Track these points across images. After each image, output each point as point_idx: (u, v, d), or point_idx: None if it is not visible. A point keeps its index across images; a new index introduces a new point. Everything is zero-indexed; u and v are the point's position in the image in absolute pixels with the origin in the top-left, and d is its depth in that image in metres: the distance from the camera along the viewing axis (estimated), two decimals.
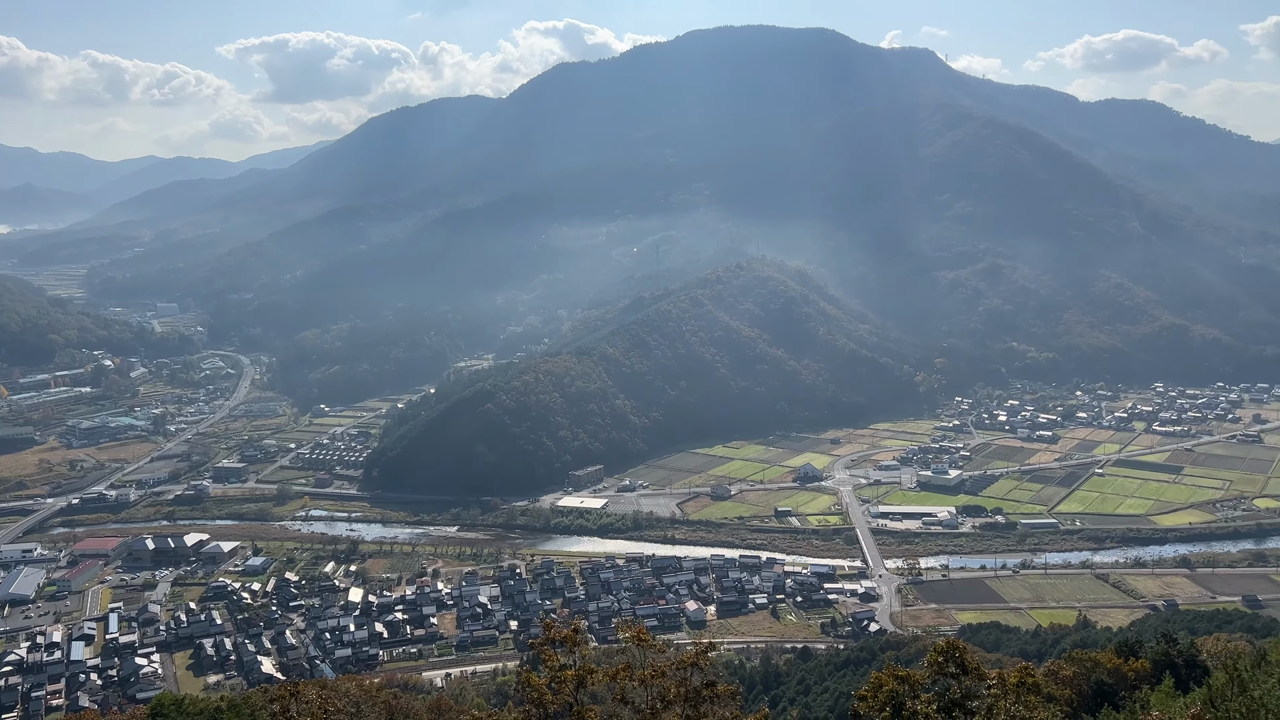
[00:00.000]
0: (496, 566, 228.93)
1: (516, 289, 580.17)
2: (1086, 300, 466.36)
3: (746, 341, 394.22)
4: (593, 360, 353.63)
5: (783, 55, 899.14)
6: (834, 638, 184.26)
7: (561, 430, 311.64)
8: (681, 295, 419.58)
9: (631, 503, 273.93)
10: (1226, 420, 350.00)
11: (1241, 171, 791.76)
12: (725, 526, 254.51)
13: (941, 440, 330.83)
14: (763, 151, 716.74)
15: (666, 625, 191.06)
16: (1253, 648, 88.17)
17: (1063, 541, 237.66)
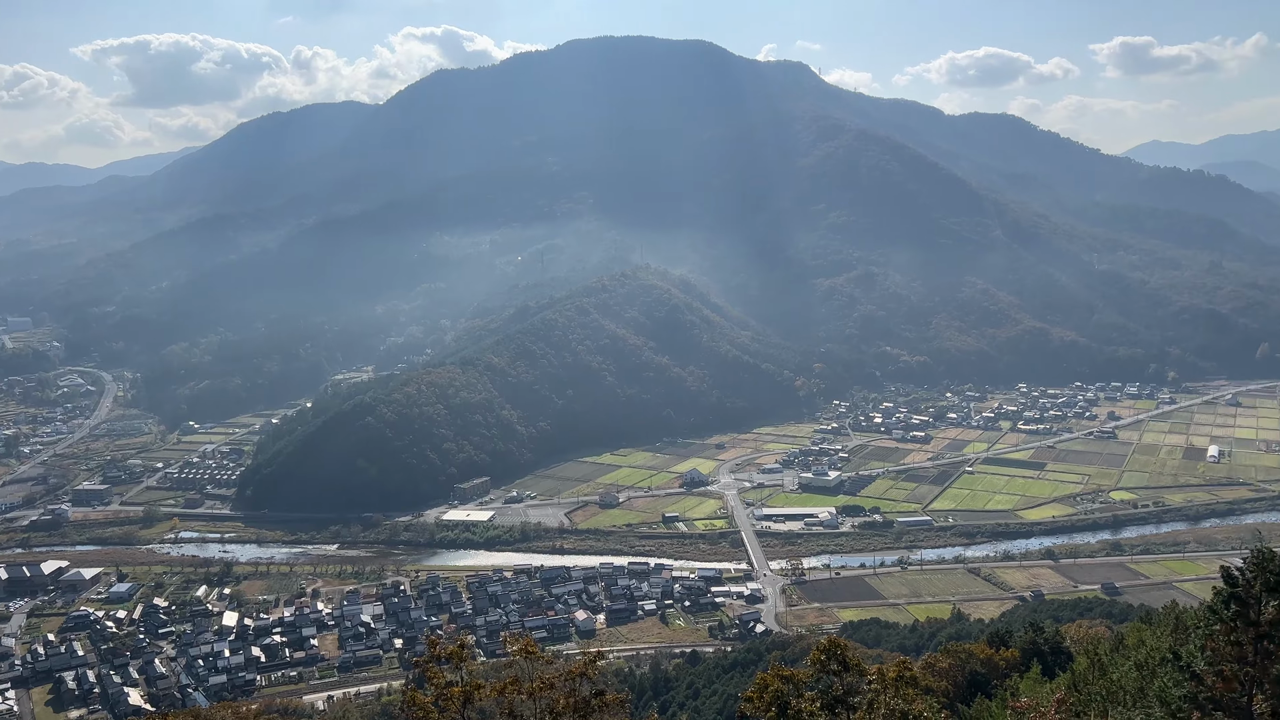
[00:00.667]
0: (380, 584, 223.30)
1: (397, 299, 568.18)
2: (954, 305, 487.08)
3: (633, 349, 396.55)
4: (478, 370, 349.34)
5: (663, 66, 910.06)
6: (722, 640, 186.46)
7: (446, 442, 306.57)
8: (567, 304, 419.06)
9: (519, 514, 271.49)
10: (1084, 418, 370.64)
11: (1093, 182, 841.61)
12: (614, 534, 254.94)
13: (821, 443, 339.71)
14: (645, 161, 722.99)
15: (556, 636, 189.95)
16: (1111, 633, 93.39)
17: (937, 538, 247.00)
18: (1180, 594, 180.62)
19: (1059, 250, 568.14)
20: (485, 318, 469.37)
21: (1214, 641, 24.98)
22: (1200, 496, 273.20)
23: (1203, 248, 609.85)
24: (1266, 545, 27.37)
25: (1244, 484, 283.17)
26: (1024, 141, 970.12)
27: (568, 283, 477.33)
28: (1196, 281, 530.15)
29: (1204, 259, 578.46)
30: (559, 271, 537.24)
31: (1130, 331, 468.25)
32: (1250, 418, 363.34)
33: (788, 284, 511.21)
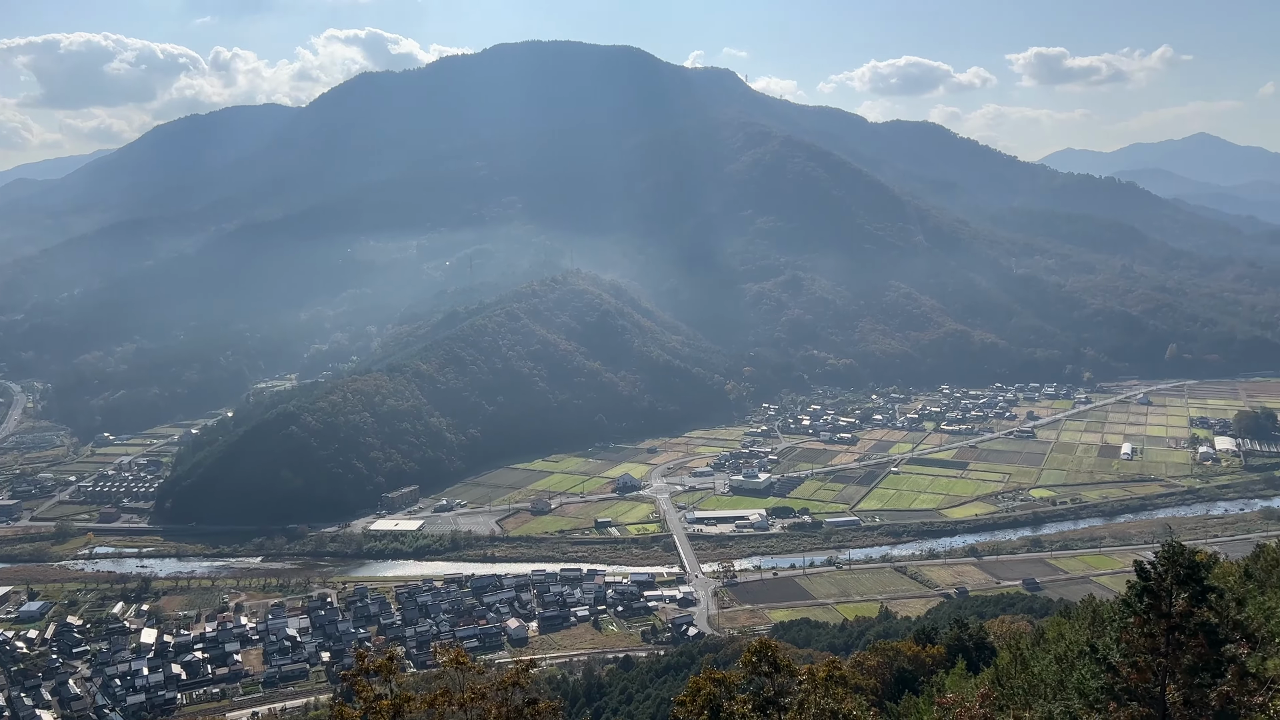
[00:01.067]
0: (306, 596, 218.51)
1: (321, 305, 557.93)
2: (879, 309, 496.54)
3: (564, 355, 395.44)
4: (405, 377, 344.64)
5: (591, 71, 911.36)
6: (655, 644, 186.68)
7: (373, 451, 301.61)
8: (497, 309, 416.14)
9: (449, 522, 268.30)
10: (1004, 418, 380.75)
11: (1011, 189, 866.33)
12: (546, 541, 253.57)
13: (751, 445, 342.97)
14: (575, 166, 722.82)
15: (488, 645, 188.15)
16: (1033, 627, 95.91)
17: (864, 537, 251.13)
18: (1097, 588, 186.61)
19: (979, 255, 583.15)
20: (413, 324, 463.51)
21: (1128, 634, 25.76)
22: (1115, 493, 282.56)
23: (1114, 252, 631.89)
24: (1177, 540, 28.39)
25: (1155, 480, 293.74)
26: (944, 149, 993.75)
27: (497, 288, 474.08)
28: (1109, 285, 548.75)
29: (1116, 263, 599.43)
30: (488, 276, 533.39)
31: (1047, 333, 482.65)
32: (1160, 416, 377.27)
33: (717, 288, 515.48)
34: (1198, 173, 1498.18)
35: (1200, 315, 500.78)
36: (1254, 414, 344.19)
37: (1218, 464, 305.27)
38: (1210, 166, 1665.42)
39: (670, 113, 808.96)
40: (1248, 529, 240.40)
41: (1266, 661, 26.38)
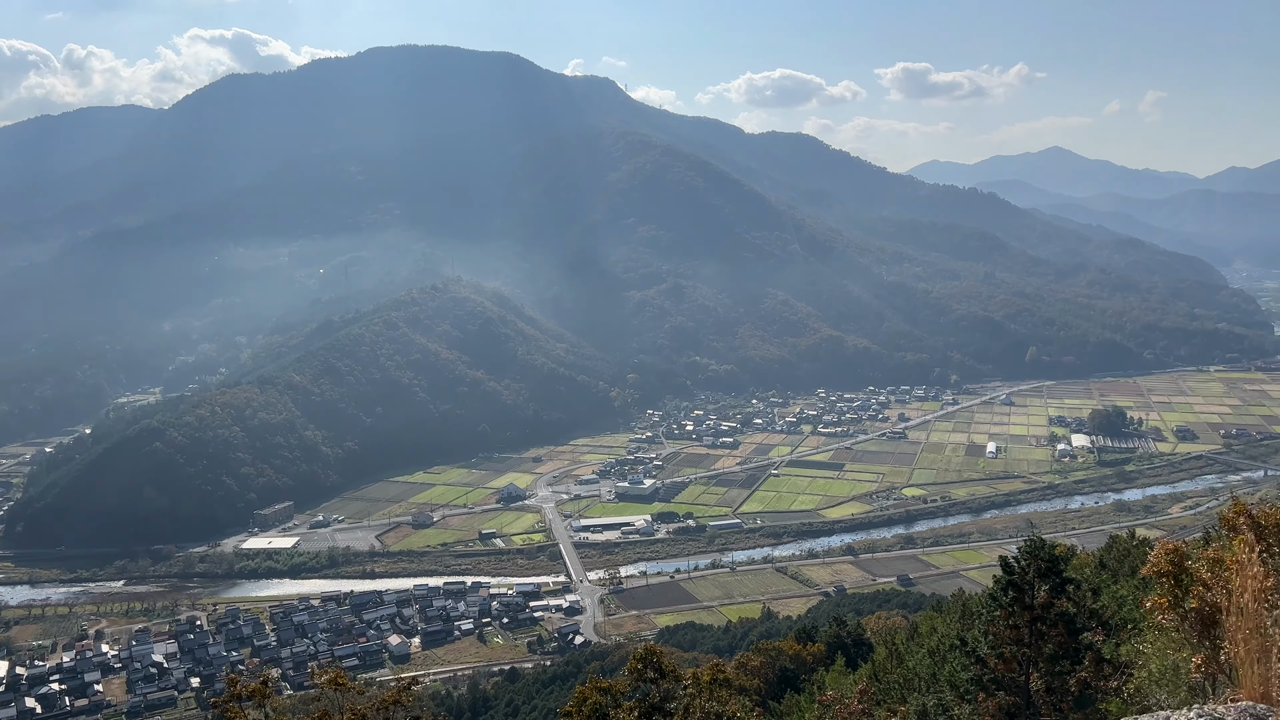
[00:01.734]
0: (173, 620, 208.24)
1: (187, 315, 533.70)
2: (758, 316, 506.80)
3: (445, 364, 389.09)
4: (278, 389, 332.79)
5: (469, 77, 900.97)
6: (541, 655, 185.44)
7: (244, 467, 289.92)
8: (375, 318, 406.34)
9: (326, 539, 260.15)
10: (877, 420, 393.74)
11: (881, 199, 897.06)
12: (429, 554, 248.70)
13: (636, 452, 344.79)
14: (454, 172, 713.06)
15: (368, 663, 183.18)
16: (907, 622, 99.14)
17: (747, 539, 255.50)
18: (967, 582, 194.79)
19: (852, 263, 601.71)
20: (285, 334, 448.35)
21: (995, 626, 26.69)
22: (981, 490, 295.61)
23: (978, 259, 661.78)
24: (1038, 534, 29.76)
25: (1018, 477, 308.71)
26: (818, 160, 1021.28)
27: (375, 296, 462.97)
28: (973, 291, 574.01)
29: (979, 270, 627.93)
30: (365, 285, 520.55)
31: (916, 338, 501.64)
32: (1022, 415, 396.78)
33: (601, 296, 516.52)
34: (1052, 184, 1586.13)
35: (1057, 319, 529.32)
36: (1106, 412, 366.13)
37: (1074, 460, 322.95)
38: (1063, 178, 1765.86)
39: (551, 120, 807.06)
40: (1101, 521, 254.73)
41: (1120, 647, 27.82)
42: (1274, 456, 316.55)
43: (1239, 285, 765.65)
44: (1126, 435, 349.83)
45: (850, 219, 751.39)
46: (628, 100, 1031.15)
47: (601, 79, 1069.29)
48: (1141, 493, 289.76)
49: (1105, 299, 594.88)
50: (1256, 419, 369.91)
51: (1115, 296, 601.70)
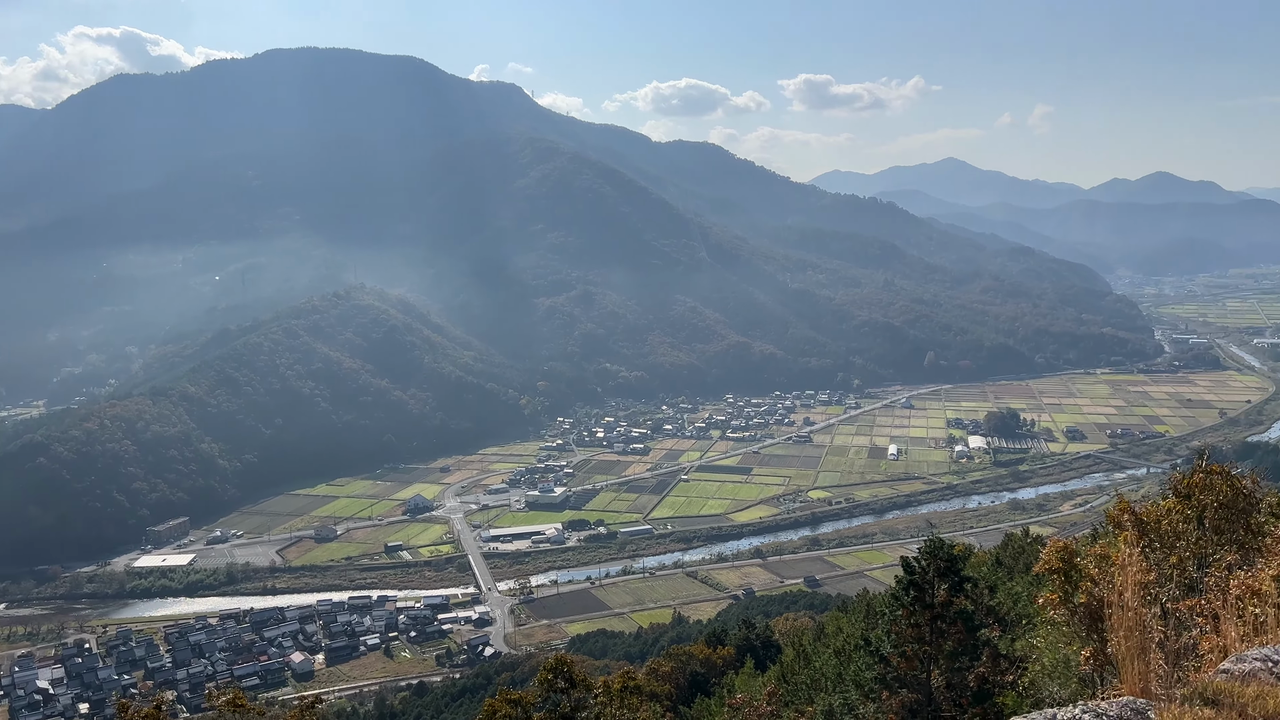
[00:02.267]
0: (59, 644, 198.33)
1: (73, 324, 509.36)
2: (667, 323, 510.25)
3: (348, 373, 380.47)
4: (171, 401, 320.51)
5: (372, 81, 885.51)
6: (450, 668, 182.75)
7: (136, 482, 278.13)
8: (274, 326, 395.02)
9: (225, 555, 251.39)
10: (784, 424, 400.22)
11: (785, 208, 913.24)
12: (333, 569, 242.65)
13: (547, 460, 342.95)
14: (357, 177, 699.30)
15: (270, 682, 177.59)
16: (814, 623, 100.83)
17: (657, 545, 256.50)
18: (871, 581, 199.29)
19: (758, 270, 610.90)
20: (179, 343, 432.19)
21: (897, 625, 27.31)
22: (884, 491, 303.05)
23: (878, 267, 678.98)
24: (937, 534, 30.64)
25: (918, 478, 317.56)
26: (724, 169, 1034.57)
27: (274, 304, 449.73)
28: (874, 298, 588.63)
29: (879, 277, 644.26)
30: (264, 292, 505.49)
31: (820, 344, 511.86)
32: (921, 418, 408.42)
33: (510, 303, 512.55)
34: (948, 194, 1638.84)
35: (953, 325, 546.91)
36: (1001, 414, 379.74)
37: (971, 461, 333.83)
38: (958, 188, 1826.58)
39: (457, 126, 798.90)
40: (998, 520, 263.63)
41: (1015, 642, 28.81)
42: (1155, 455, 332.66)
43: (1122, 291, 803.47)
44: (1020, 436, 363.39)
45: (756, 227, 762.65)
46: (534, 107, 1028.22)
47: (508, 85, 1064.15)
48: (1035, 491, 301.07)
49: (999, 305, 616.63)
50: (1139, 419, 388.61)
51: (1008, 303, 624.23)
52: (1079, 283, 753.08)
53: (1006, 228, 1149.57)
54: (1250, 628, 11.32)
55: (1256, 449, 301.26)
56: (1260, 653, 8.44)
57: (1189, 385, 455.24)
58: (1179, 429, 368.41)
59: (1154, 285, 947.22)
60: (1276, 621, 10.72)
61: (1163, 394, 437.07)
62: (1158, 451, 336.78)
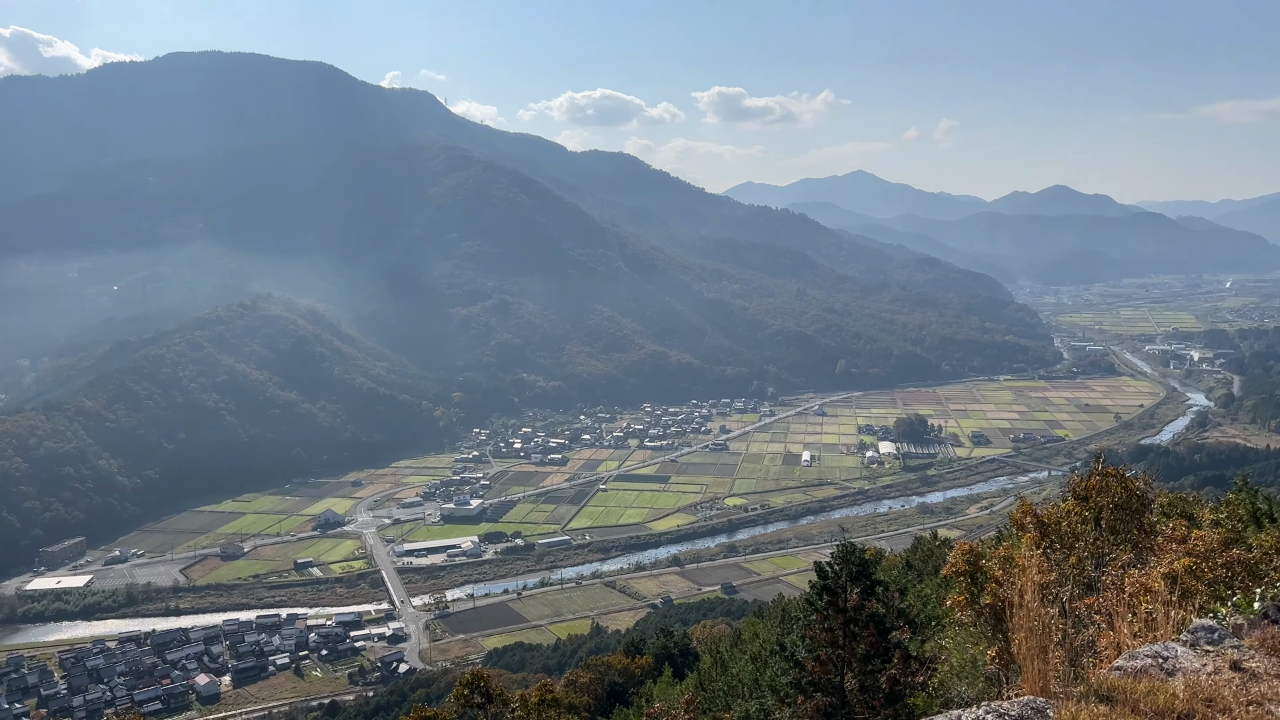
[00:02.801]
0: None
1: None
2: (585, 332, 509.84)
3: (255, 385, 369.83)
4: (66, 416, 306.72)
5: (280, 87, 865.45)
6: (363, 686, 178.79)
7: (28, 501, 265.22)
8: (177, 338, 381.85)
9: (124, 575, 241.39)
10: (700, 432, 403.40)
11: (699, 218, 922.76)
12: (240, 587, 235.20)
13: (463, 472, 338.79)
14: (265, 184, 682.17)
15: (173, 707, 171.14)
16: (731, 629, 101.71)
17: (576, 556, 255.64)
18: (786, 586, 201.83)
19: (674, 280, 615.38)
20: (75, 356, 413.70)
21: (811, 630, 27.67)
22: (798, 497, 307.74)
23: (791, 277, 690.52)
24: (850, 538, 31.21)
25: (831, 483, 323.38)
26: (639, 179, 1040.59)
27: (177, 315, 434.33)
28: (787, 307, 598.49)
29: (792, 287, 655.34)
30: (166, 302, 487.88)
31: (735, 352, 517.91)
32: (834, 425, 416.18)
33: (424, 313, 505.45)
34: (857, 206, 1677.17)
35: (864, 333, 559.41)
36: (909, 420, 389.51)
37: (882, 466, 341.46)
38: (867, 200, 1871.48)
39: (368, 132, 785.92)
40: (908, 523, 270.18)
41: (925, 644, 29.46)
42: (1056, 458, 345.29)
43: (1023, 300, 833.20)
44: (928, 441, 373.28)
45: (672, 237, 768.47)
46: (448, 114, 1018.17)
47: (420, 92, 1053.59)
48: (943, 495, 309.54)
49: (907, 314, 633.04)
50: (1041, 424, 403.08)
51: (915, 312, 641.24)
52: (982, 292, 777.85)
53: (913, 239, 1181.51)
54: (1143, 624, 11.77)
55: (1149, 451, 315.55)
56: (1151, 649, 8.78)
57: (1086, 391, 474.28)
58: (1078, 433, 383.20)
59: (1053, 294, 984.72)
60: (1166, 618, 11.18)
61: (1062, 399, 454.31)
62: (1058, 455, 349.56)
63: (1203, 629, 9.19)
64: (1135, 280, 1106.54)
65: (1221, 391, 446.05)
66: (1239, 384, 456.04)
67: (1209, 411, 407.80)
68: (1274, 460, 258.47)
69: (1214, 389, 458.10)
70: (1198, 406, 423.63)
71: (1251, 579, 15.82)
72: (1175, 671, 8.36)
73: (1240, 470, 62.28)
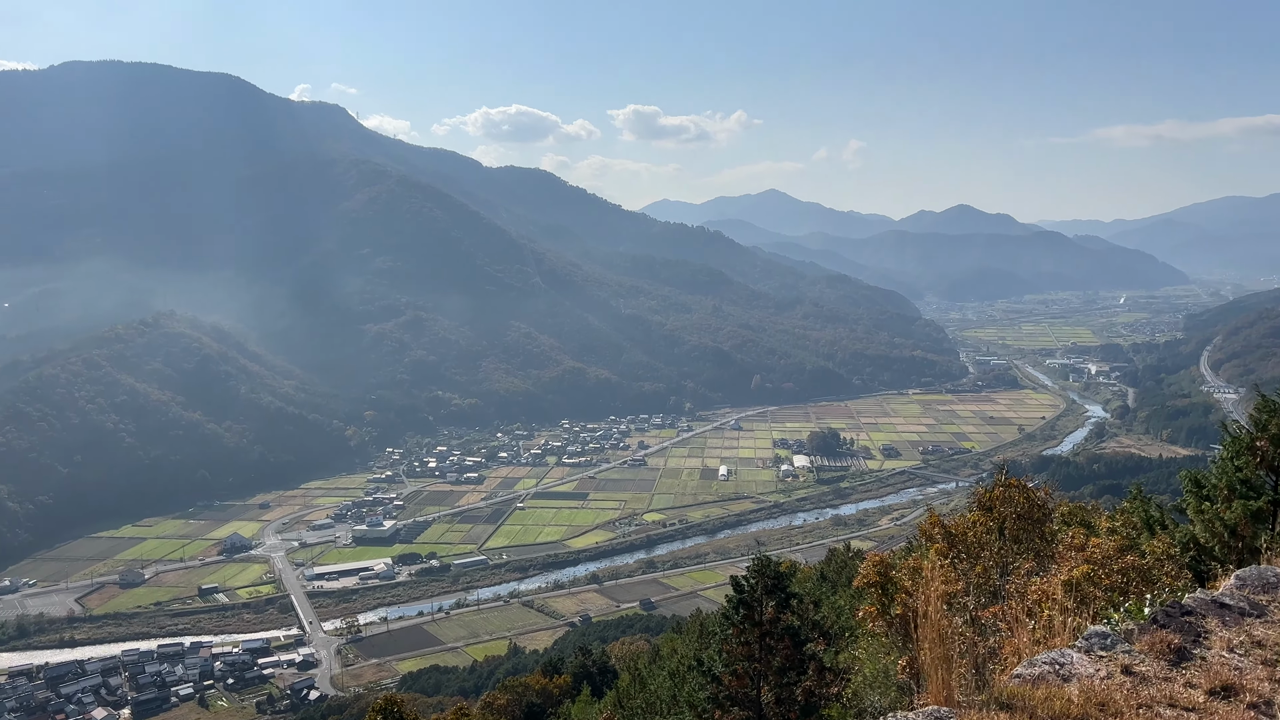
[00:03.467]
0: None
1: None
2: (501, 348, 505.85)
3: (157, 406, 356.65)
4: None
5: (185, 98, 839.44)
6: (272, 714, 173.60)
7: None
8: (73, 357, 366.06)
9: (14, 605, 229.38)
10: (619, 448, 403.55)
11: (617, 235, 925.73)
12: (140, 616, 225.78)
13: (375, 492, 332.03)
14: (168, 198, 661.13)
15: None
16: (649, 646, 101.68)
17: (493, 576, 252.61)
18: (704, 601, 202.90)
19: (591, 296, 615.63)
20: None
21: (728, 644, 27.83)
22: (715, 512, 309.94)
23: (706, 294, 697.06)
24: (765, 552, 31.56)
25: (748, 497, 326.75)
26: (556, 195, 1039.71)
27: (73, 333, 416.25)
28: (703, 323, 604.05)
29: (708, 303, 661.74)
30: (62, 320, 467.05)
31: (653, 368, 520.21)
32: (750, 439, 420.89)
33: (335, 329, 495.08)
34: (770, 224, 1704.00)
35: (778, 349, 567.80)
36: (823, 434, 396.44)
37: (797, 480, 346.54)
38: (779, 218, 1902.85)
39: (277, 146, 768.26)
40: (822, 536, 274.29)
41: (839, 655, 29.89)
42: (963, 469, 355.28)
43: (930, 316, 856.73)
44: (841, 454, 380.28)
45: (589, 254, 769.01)
46: (360, 128, 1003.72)
47: (331, 105, 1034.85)
48: (855, 507, 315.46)
49: (819, 330, 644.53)
50: (948, 436, 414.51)
51: (827, 328, 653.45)
52: (891, 308, 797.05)
53: (824, 256, 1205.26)
54: (1044, 631, 12.15)
55: (1050, 462, 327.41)
56: (1049, 656, 9.06)
57: (991, 404, 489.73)
58: (983, 445, 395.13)
59: (958, 310, 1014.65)
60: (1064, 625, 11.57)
61: (968, 412, 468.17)
62: (965, 466, 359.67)
63: (1097, 635, 9.53)
64: (1036, 296, 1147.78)
65: (1117, 403, 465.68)
66: (1133, 396, 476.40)
67: (1106, 423, 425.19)
68: (1166, 469, 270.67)
69: (1110, 401, 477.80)
70: (1095, 418, 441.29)
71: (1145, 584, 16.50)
72: (1071, 677, 8.64)
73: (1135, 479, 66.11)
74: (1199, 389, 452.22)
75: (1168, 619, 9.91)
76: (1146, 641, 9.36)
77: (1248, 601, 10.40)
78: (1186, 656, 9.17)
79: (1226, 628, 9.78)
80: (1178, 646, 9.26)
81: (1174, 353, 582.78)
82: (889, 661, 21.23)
